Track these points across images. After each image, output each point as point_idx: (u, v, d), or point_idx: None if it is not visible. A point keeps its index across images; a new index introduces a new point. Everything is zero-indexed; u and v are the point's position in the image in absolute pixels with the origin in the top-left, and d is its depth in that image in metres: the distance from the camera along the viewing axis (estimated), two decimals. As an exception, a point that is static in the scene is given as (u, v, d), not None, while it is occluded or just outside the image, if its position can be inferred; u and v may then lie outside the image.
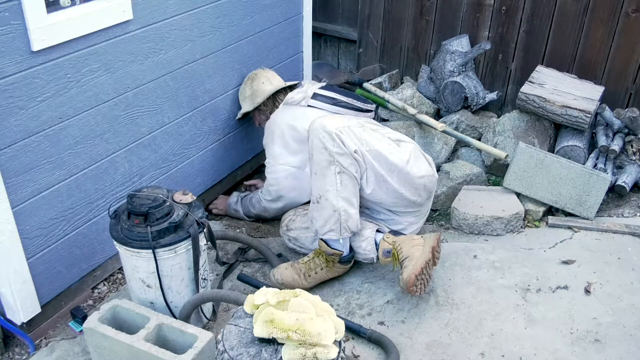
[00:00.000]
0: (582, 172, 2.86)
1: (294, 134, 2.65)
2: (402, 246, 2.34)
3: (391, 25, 3.96)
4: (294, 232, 2.62)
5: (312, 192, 2.40)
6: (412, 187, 2.44)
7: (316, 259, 2.47)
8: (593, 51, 3.32)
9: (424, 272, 2.27)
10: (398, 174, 2.39)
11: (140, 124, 2.43)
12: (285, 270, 2.47)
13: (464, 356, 2.21)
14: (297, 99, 2.74)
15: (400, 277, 2.26)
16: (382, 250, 2.40)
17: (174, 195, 2.13)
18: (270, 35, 3.06)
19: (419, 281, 2.25)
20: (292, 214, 2.68)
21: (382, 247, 2.40)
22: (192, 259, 2.11)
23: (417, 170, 2.44)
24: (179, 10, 2.45)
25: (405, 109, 3.31)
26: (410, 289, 2.23)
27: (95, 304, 2.44)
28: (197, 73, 2.66)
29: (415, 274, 2.22)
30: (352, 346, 2.24)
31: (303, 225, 2.59)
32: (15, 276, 2.08)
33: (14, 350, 2.24)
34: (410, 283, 2.22)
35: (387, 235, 2.43)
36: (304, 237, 2.59)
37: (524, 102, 3.17)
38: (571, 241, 2.80)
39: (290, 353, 1.70)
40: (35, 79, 1.97)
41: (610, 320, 2.36)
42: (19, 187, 2.02)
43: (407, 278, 2.23)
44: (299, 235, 2.60)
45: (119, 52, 2.24)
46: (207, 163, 2.90)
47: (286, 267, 2.48)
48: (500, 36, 3.56)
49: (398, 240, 2.38)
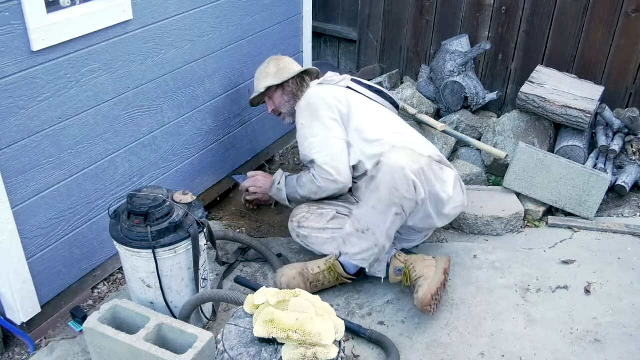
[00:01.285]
0: (582, 172, 2.86)
1: (341, 109, 2.51)
2: (414, 265, 2.34)
3: (391, 25, 3.95)
4: (305, 230, 2.55)
5: (360, 220, 2.32)
6: (444, 217, 2.45)
7: (327, 274, 2.43)
8: (593, 51, 3.32)
9: (439, 292, 2.27)
10: (439, 207, 2.39)
11: (140, 124, 2.43)
12: (293, 279, 2.40)
13: (464, 356, 2.21)
14: (337, 79, 2.64)
15: (416, 296, 2.26)
16: (394, 268, 2.39)
17: (174, 195, 2.13)
18: (270, 35, 3.06)
19: (434, 301, 2.25)
20: (306, 210, 2.59)
21: (394, 264, 2.39)
22: (192, 259, 2.11)
23: (453, 202, 2.43)
24: (179, 10, 2.45)
25: (405, 108, 3.31)
26: (425, 308, 2.23)
27: (95, 304, 2.44)
28: (197, 73, 2.66)
29: (431, 294, 2.22)
30: (352, 346, 2.24)
31: (317, 225, 2.53)
32: (15, 276, 2.08)
33: (14, 350, 2.24)
34: (425, 302, 2.22)
35: (399, 253, 2.42)
36: (315, 237, 2.53)
37: (524, 102, 3.17)
38: (571, 241, 2.80)
39: (290, 353, 1.70)
40: (35, 79, 1.97)
41: (610, 320, 2.36)
42: (19, 187, 2.02)
43: (423, 297, 2.22)
44: (310, 235, 2.54)
45: (119, 52, 2.24)
46: (207, 163, 2.90)
47: (294, 275, 2.41)
48: (500, 36, 3.55)
49: (410, 259, 2.37)
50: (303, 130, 2.52)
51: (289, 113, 2.73)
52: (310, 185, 2.52)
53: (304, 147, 2.51)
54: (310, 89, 2.62)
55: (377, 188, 2.26)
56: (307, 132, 2.51)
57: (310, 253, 2.67)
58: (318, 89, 2.59)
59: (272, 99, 2.74)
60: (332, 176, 2.45)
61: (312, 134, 2.49)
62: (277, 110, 2.76)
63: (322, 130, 2.48)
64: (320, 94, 2.54)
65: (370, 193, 2.29)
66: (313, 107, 2.51)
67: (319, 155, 2.46)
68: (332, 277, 2.44)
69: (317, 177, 2.48)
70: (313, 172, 2.49)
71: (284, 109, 2.73)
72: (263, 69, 2.75)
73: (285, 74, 2.67)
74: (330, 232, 2.50)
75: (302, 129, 2.52)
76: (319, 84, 2.63)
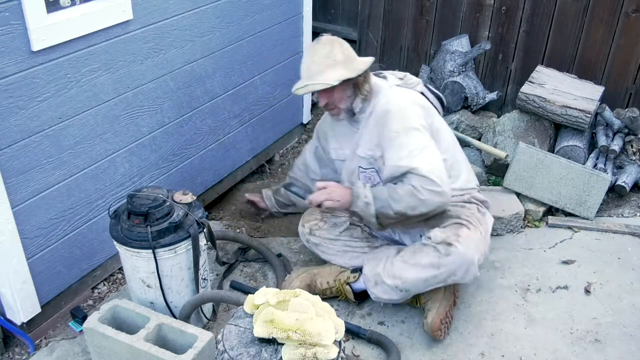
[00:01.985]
0: (582, 172, 2.86)
1: (428, 121, 2.27)
2: None
3: (391, 25, 3.95)
4: (317, 238, 2.48)
5: (404, 282, 2.21)
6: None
7: (334, 290, 2.41)
8: (593, 51, 3.32)
9: (447, 315, 2.26)
10: None
11: (140, 124, 2.43)
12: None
13: (464, 356, 2.21)
14: (412, 82, 2.39)
15: (425, 322, 2.24)
16: None
17: (174, 195, 2.13)
18: (270, 35, 3.06)
19: (444, 325, 2.24)
20: (319, 218, 2.51)
21: None
22: (192, 259, 2.11)
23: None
24: (179, 10, 2.45)
25: (405, 109, 3.31)
26: (435, 333, 2.21)
27: (95, 304, 2.44)
28: (197, 73, 2.66)
29: (440, 318, 2.21)
30: (352, 346, 2.24)
31: (329, 235, 2.46)
32: (15, 276, 2.08)
33: (14, 350, 2.24)
34: (435, 328, 2.20)
35: None
36: (327, 247, 2.47)
37: (524, 102, 3.17)
38: (571, 241, 2.80)
39: (290, 353, 1.70)
40: (35, 79, 1.97)
41: (610, 320, 2.36)
42: (19, 187, 2.02)
43: (432, 323, 2.21)
44: (322, 244, 2.47)
45: (119, 52, 2.24)
46: (207, 163, 2.90)
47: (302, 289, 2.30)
48: (500, 36, 3.55)
49: None
50: (399, 139, 2.18)
51: (347, 109, 2.31)
52: (410, 199, 2.15)
53: (401, 157, 2.17)
54: (392, 90, 2.30)
55: (438, 267, 2.15)
56: (404, 140, 2.18)
57: (311, 253, 2.67)
58: (407, 93, 2.30)
59: (332, 92, 2.25)
60: (438, 187, 2.13)
61: (412, 142, 2.18)
62: (332, 104, 2.29)
63: (422, 139, 2.20)
64: (413, 99, 2.28)
65: (429, 267, 2.17)
66: (408, 113, 2.22)
67: (423, 163, 2.15)
68: (338, 294, 2.42)
69: (419, 189, 2.13)
70: (413, 184, 2.15)
71: (343, 105, 2.29)
72: (327, 52, 2.22)
73: (355, 65, 2.24)
74: (342, 244, 2.45)
75: (398, 137, 2.19)
76: (399, 86, 2.34)
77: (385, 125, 2.21)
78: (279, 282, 2.49)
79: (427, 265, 2.17)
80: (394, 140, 2.19)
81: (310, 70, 2.21)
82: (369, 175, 2.34)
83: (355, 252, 2.43)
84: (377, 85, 2.31)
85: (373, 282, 2.28)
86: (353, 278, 2.38)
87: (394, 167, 2.19)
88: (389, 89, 2.29)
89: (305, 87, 2.20)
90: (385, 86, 2.31)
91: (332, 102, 2.28)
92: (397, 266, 2.23)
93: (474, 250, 2.15)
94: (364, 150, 2.31)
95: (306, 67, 2.23)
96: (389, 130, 2.20)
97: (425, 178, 2.13)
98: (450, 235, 2.17)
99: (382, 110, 2.24)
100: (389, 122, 2.21)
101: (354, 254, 2.43)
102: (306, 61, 2.25)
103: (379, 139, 2.24)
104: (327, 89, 2.21)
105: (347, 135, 2.40)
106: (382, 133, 2.22)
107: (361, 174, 2.35)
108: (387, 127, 2.21)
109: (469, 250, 2.13)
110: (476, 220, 2.26)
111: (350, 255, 2.43)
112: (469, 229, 2.21)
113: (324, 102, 2.28)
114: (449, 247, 2.14)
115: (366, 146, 2.30)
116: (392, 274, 2.23)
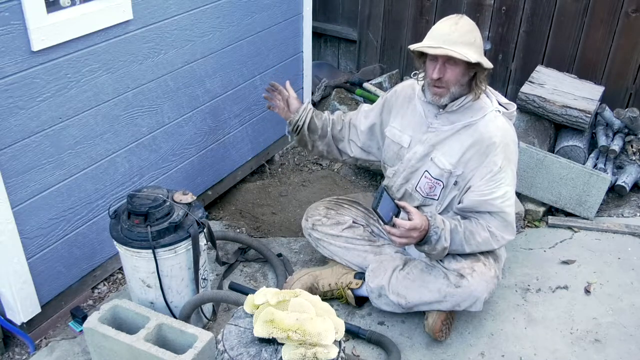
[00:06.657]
0: (582, 172, 2.86)
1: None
2: None
3: (391, 25, 3.96)
4: (319, 233, 2.47)
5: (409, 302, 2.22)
6: None
7: (335, 293, 2.41)
8: (593, 51, 3.32)
9: (449, 316, 2.26)
10: None
11: (140, 124, 2.43)
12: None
13: (464, 356, 2.21)
14: (515, 116, 2.29)
15: (426, 323, 2.24)
16: None
17: (174, 195, 2.13)
18: (270, 35, 3.06)
19: (445, 326, 2.24)
20: (323, 214, 2.50)
21: None
22: (192, 259, 2.11)
23: None
24: (179, 10, 2.45)
25: (405, 109, 3.31)
26: (436, 334, 2.22)
27: (95, 304, 2.44)
28: (197, 73, 2.66)
29: (441, 320, 2.21)
30: (352, 346, 2.24)
31: (331, 232, 2.45)
32: (15, 276, 2.08)
33: (14, 350, 2.24)
34: (436, 329, 2.21)
35: None
36: (328, 242, 2.46)
37: (524, 102, 3.17)
38: (571, 241, 2.80)
39: (290, 353, 1.70)
40: (35, 79, 1.97)
41: (610, 320, 2.36)
42: (19, 187, 2.02)
43: (433, 324, 2.21)
44: (323, 239, 2.46)
45: (119, 52, 2.24)
46: (207, 163, 2.90)
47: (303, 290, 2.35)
48: (500, 36, 3.56)
49: None
50: (500, 174, 2.12)
51: (452, 95, 2.14)
52: (484, 246, 2.16)
53: (494, 196, 2.12)
54: (499, 118, 2.17)
55: (444, 295, 2.15)
56: (503, 177, 2.13)
57: (311, 253, 2.67)
58: (512, 128, 2.21)
59: (458, 69, 2.08)
60: (512, 235, 2.17)
61: (508, 183, 2.14)
62: (447, 82, 2.11)
63: (513, 181, 2.18)
64: (514, 138, 2.20)
65: (436, 292, 2.17)
66: (512, 150, 2.17)
67: (511, 210, 2.15)
68: (339, 296, 2.42)
69: (498, 237, 2.15)
70: (493, 230, 2.14)
71: (453, 88, 2.13)
72: (470, 29, 2.09)
73: (486, 60, 2.11)
74: (343, 241, 2.44)
75: (500, 173, 2.12)
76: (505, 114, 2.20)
77: (488, 155, 2.13)
78: (279, 282, 2.49)
79: (434, 291, 2.18)
80: (496, 174, 2.12)
81: (451, 37, 2.04)
82: (432, 185, 2.24)
83: (356, 250, 2.42)
84: (484, 98, 2.20)
85: (377, 294, 2.28)
86: (356, 285, 2.37)
87: (482, 202, 2.13)
88: (496, 115, 2.17)
89: (442, 49, 2.03)
90: (490, 107, 2.18)
91: (448, 80, 2.11)
92: (402, 284, 2.23)
93: (484, 288, 2.14)
94: (442, 159, 2.20)
95: (446, 32, 2.05)
96: (493, 162, 2.13)
97: (509, 226, 2.16)
98: (466, 267, 2.16)
99: (486, 137, 2.13)
100: (492, 154, 2.13)
101: (355, 252, 2.42)
102: (444, 28, 2.07)
103: (474, 163, 2.15)
104: (453, 65, 2.07)
105: (416, 124, 2.28)
106: (482, 161, 2.14)
107: (424, 178, 2.25)
108: (490, 157, 2.13)
109: (480, 287, 2.13)
110: (493, 259, 2.26)
111: (351, 253, 2.42)
112: (485, 265, 2.19)
113: (440, 74, 2.09)
114: (461, 280, 2.14)
115: (447, 158, 2.19)
116: (397, 292, 2.23)
